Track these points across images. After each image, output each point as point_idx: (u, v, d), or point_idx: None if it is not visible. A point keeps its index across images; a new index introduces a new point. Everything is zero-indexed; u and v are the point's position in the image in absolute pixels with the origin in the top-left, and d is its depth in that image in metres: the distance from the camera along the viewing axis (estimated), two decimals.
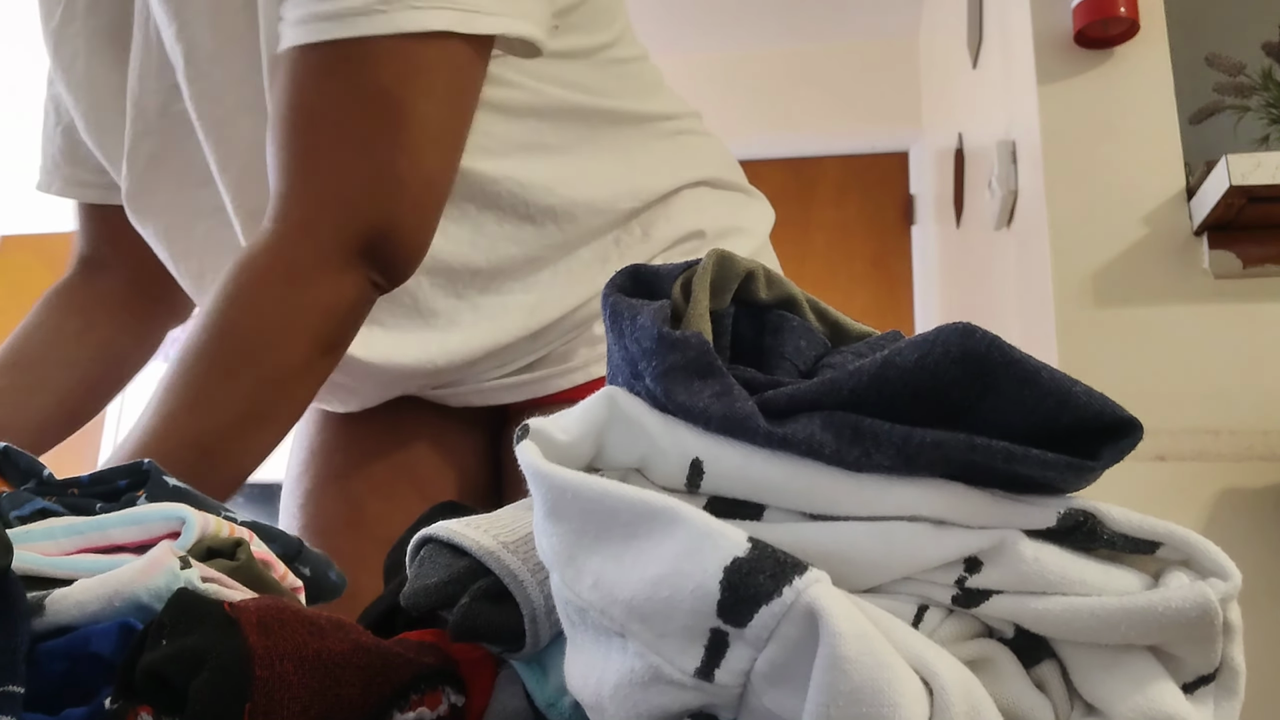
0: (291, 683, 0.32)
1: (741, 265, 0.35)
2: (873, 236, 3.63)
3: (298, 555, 0.55)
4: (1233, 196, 1.50)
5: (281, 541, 0.54)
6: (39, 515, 0.46)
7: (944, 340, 0.27)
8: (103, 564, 0.40)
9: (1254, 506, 1.50)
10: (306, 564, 0.56)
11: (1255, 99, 1.71)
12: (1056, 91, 1.77)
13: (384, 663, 0.35)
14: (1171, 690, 0.27)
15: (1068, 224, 1.70)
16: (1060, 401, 0.27)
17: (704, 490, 0.31)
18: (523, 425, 0.32)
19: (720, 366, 0.30)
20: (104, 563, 0.40)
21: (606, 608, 0.28)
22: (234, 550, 0.44)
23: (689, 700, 0.27)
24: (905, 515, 0.28)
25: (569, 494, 0.29)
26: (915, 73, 3.67)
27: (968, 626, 0.29)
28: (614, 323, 0.33)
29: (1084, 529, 0.28)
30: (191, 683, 0.30)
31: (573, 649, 0.31)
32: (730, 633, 0.25)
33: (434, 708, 0.35)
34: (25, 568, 0.39)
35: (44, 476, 0.51)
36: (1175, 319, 1.62)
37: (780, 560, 0.25)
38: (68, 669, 0.35)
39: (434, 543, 0.39)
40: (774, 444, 0.29)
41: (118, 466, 0.52)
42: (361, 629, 0.36)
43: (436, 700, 0.36)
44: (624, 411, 0.32)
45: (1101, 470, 0.28)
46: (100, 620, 0.36)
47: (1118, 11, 1.69)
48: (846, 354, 0.35)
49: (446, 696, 0.36)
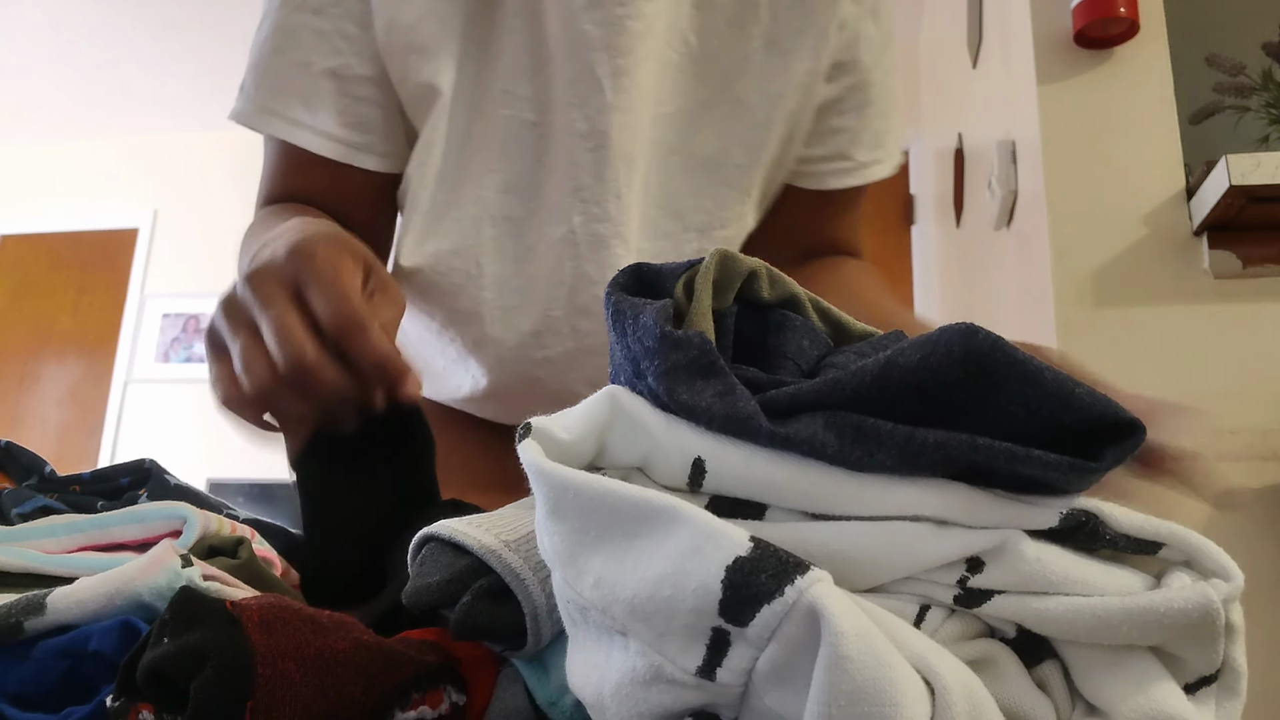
0: (294, 681, 0.32)
1: (744, 264, 0.35)
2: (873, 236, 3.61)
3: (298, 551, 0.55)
4: (1233, 196, 1.50)
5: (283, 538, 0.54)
6: (40, 512, 0.46)
7: (947, 340, 0.27)
8: (103, 562, 0.40)
9: (1254, 506, 1.50)
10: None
11: (1255, 99, 1.71)
12: (1056, 91, 1.77)
13: (385, 661, 0.35)
14: (1173, 691, 0.27)
15: (1068, 224, 1.70)
16: (1063, 402, 0.27)
17: (706, 490, 0.31)
18: (524, 424, 0.32)
19: (723, 366, 0.30)
20: (104, 561, 0.40)
21: (608, 607, 0.28)
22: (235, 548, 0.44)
23: (690, 699, 0.27)
24: (907, 515, 0.28)
25: (571, 493, 0.29)
26: (915, 72, 3.67)
27: (969, 626, 0.29)
28: (616, 321, 0.33)
29: (1086, 529, 0.28)
30: (193, 681, 0.30)
31: (574, 648, 0.31)
32: (732, 632, 0.25)
33: (435, 706, 0.35)
34: (26, 565, 0.40)
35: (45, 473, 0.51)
36: (1175, 319, 1.62)
37: (782, 559, 0.25)
38: (69, 667, 0.35)
39: (435, 541, 0.39)
40: (776, 444, 0.29)
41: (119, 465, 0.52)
42: (363, 627, 0.36)
43: (438, 699, 0.36)
44: (626, 410, 0.32)
45: (1104, 471, 0.28)
46: (101, 619, 0.36)
47: (1118, 11, 1.69)
48: (849, 354, 0.35)
49: (448, 695, 0.36)
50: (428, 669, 0.36)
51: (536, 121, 0.79)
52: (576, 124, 0.78)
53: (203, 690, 0.30)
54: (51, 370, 4.60)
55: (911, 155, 3.68)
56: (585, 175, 0.80)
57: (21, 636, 0.36)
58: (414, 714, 0.35)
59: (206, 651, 0.31)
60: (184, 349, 4.47)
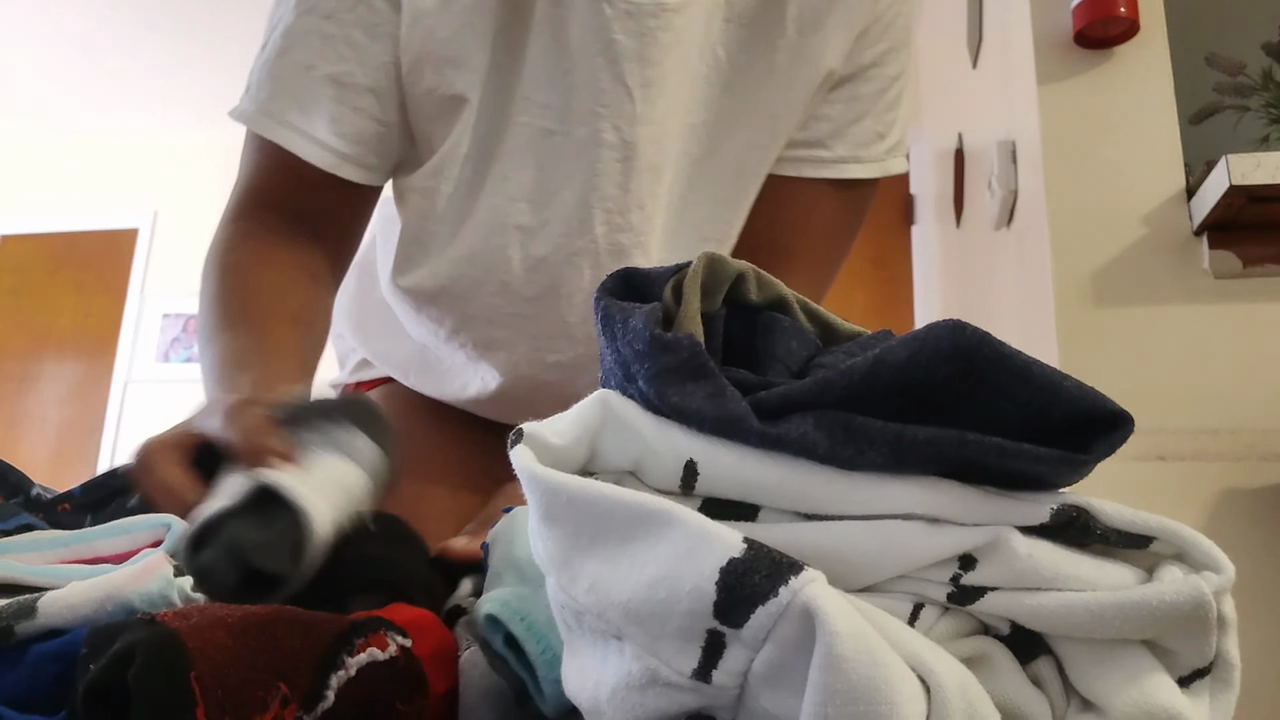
0: (227, 645, 0.31)
1: (732, 267, 0.35)
2: (872, 236, 3.62)
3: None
4: (1233, 196, 1.49)
5: None
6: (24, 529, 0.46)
7: (935, 337, 0.27)
8: (86, 573, 0.40)
9: (1254, 506, 1.50)
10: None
11: (1255, 99, 1.71)
12: (1056, 91, 1.77)
13: (314, 617, 0.35)
14: (1167, 684, 0.28)
15: (1067, 224, 1.70)
16: (1051, 396, 0.27)
17: (698, 492, 0.31)
18: (517, 430, 0.32)
19: (713, 368, 0.30)
20: (87, 572, 0.40)
21: (603, 611, 0.28)
22: None
23: (686, 702, 0.27)
24: (899, 513, 0.28)
25: (564, 498, 0.29)
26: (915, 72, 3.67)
27: (963, 624, 0.29)
28: (606, 326, 0.33)
29: (1077, 524, 0.28)
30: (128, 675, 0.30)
31: (569, 654, 0.31)
32: (727, 634, 0.25)
33: (383, 649, 0.35)
34: (9, 576, 0.39)
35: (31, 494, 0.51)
36: (1175, 319, 1.61)
37: (776, 560, 0.25)
38: (62, 670, 0.34)
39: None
40: (767, 444, 0.29)
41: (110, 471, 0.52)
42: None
43: (382, 641, 0.36)
44: (617, 414, 0.32)
45: (1094, 463, 0.28)
46: (92, 623, 0.36)
47: (1117, 11, 1.69)
48: (838, 354, 0.35)
49: (392, 639, 0.36)
50: (361, 620, 0.36)
51: (555, 130, 0.79)
52: (604, 134, 0.78)
53: (141, 677, 0.29)
54: (51, 370, 4.61)
55: (911, 155, 3.68)
56: (610, 185, 0.79)
57: (13, 641, 0.35)
58: (364, 656, 0.34)
59: (132, 649, 0.30)
60: (184, 349, 4.47)
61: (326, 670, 0.33)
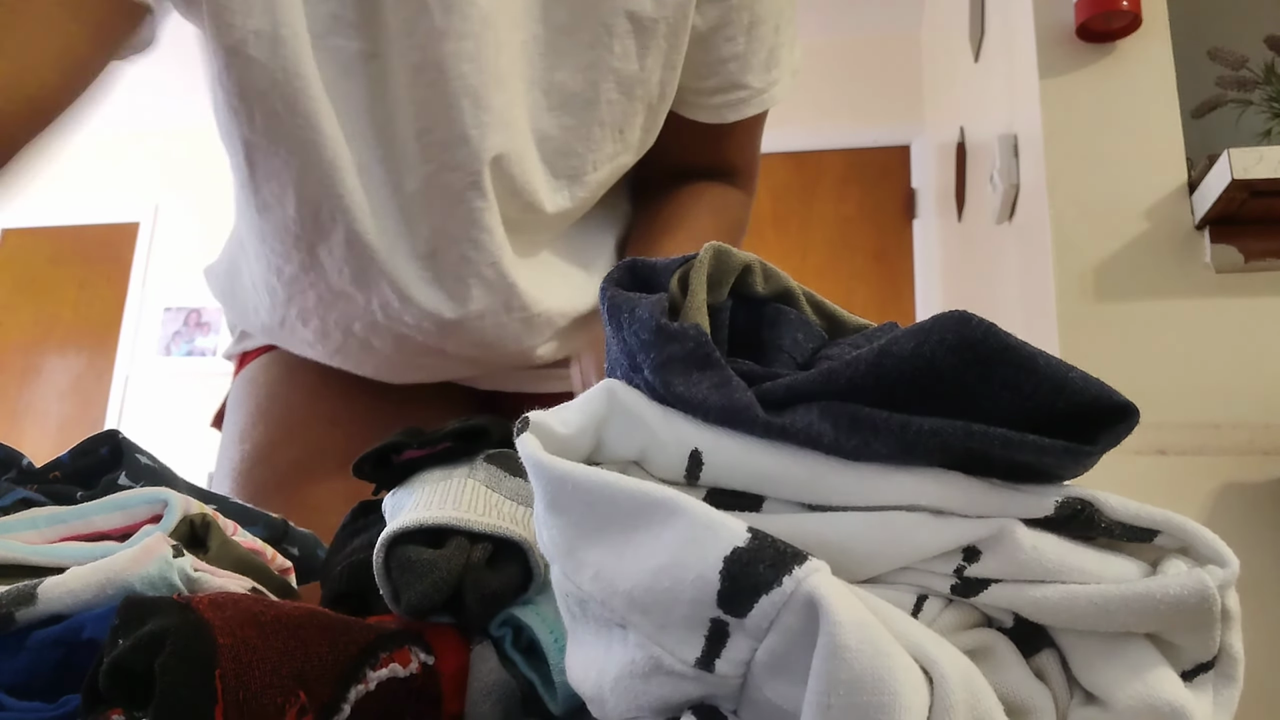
0: (256, 645, 0.32)
1: (739, 259, 0.35)
2: (874, 230, 3.63)
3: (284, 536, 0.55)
4: (1234, 190, 1.50)
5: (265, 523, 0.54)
6: (21, 505, 0.46)
7: (940, 328, 0.27)
8: (87, 551, 0.40)
9: (1256, 500, 1.50)
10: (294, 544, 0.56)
11: (1257, 93, 1.71)
12: (1058, 85, 1.77)
13: (345, 624, 0.35)
14: (1170, 678, 0.28)
15: (1069, 218, 1.70)
16: (1057, 387, 0.27)
17: (703, 482, 0.31)
18: (523, 418, 0.32)
19: (718, 358, 0.30)
20: (89, 550, 0.40)
21: (607, 599, 0.28)
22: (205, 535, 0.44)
23: (690, 691, 0.27)
24: (904, 505, 0.28)
25: (569, 486, 0.29)
26: (917, 67, 3.67)
27: (967, 616, 0.29)
28: (612, 316, 0.33)
29: (1082, 517, 0.28)
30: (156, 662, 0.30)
31: (573, 642, 0.31)
32: (730, 623, 0.25)
33: (405, 664, 0.35)
34: (10, 557, 0.39)
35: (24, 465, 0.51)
36: (1177, 313, 1.62)
37: (780, 550, 0.25)
38: (63, 656, 0.35)
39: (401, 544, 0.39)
40: (773, 434, 0.29)
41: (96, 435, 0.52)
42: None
43: (406, 657, 0.36)
44: (623, 404, 0.32)
45: (1099, 455, 0.28)
46: (93, 608, 0.36)
47: (1120, 5, 1.69)
48: (843, 345, 0.35)
49: (415, 654, 0.36)
50: (389, 631, 0.36)
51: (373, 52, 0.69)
52: (410, 54, 0.68)
53: (168, 667, 0.30)
54: (53, 364, 4.61)
55: (913, 149, 3.68)
56: (427, 116, 0.70)
57: (13, 627, 0.36)
58: (385, 671, 0.35)
59: (164, 634, 0.30)
60: (185, 343, 4.47)
61: (348, 682, 0.33)
